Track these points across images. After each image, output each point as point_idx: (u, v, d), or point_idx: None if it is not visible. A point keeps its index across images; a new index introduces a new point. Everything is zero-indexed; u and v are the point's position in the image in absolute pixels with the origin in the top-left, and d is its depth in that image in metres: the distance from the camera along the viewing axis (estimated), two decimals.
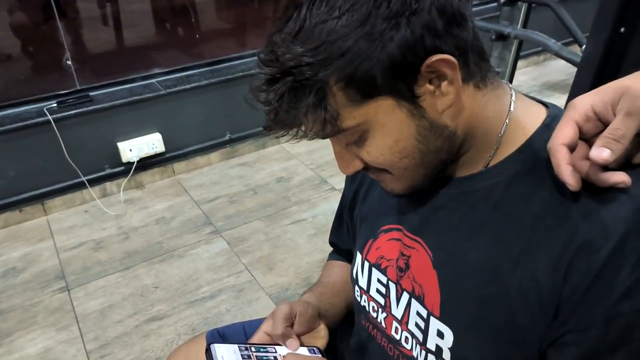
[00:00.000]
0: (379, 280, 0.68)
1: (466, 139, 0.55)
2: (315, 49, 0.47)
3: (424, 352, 0.60)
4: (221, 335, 0.89)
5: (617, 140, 0.46)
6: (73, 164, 2.18)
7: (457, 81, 0.50)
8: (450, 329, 0.56)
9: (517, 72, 3.24)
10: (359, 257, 0.72)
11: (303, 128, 0.51)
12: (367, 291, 0.70)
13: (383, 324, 0.68)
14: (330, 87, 0.48)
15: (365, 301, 0.71)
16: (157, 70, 2.43)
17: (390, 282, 0.66)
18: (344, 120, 0.50)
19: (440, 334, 0.57)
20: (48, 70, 2.27)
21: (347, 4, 0.47)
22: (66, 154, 2.15)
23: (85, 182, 2.24)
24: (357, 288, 0.73)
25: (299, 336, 0.70)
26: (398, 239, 0.65)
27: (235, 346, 0.65)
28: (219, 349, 0.63)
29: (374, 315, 0.70)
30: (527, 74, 3.41)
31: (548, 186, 0.50)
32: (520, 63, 3.32)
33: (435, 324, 0.58)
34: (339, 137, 0.53)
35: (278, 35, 0.49)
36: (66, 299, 1.79)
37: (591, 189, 0.48)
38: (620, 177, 0.46)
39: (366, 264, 0.70)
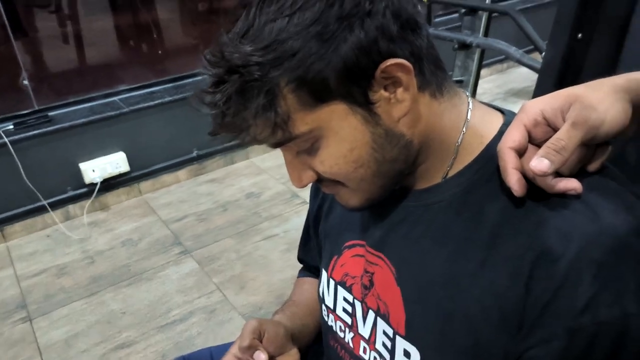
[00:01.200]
0: (344, 299, 0.65)
1: (423, 149, 0.53)
2: (264, 48, 0.45)
3: None
4: None
5: (558, 152, 0.45)
6: (33, 187, 2.09)
7: (412, 88, 0.48)
8: (417, 347, 0.54)
9: (481, 80, 3.29)
10: (324, 275, 0.70)
11: (252, 133, 0.48)
12: (334, 310, 0.68)
13: (351, 344, 0.65)
14: (281, 88, 0.46)
15: (332, 321, 0.69)
16: (119, 88, 2.37)
17: (355, 300, 0.63)
18: (295, 125, 0.48)
19: (407, 354, 0.55)
20: (4, 90, 2.19)
21: (298, 2, 0.45)
22: (25, 177, 2.07)
23: (47, 205, 2.16)
24: (324, 307, 0.71)
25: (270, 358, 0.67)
26: (362, 255, 0.63)
27: None
28: None
29: (342, 335, 0.67)
30: (491, 82, 3.47)
31: (504, 195, 0.49)
32: (484, 71, 3.39)
33: (401, 344, 0.55)
34: (291, 145, 0.51)
35: (226, 35, 0.47)
36: (28, 329, 1.71)
37: (547, 197, 0.47)
38: (570, 184, 0.45)
39: (331, 282, 0.68)
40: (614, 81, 0.47)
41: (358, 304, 0.63)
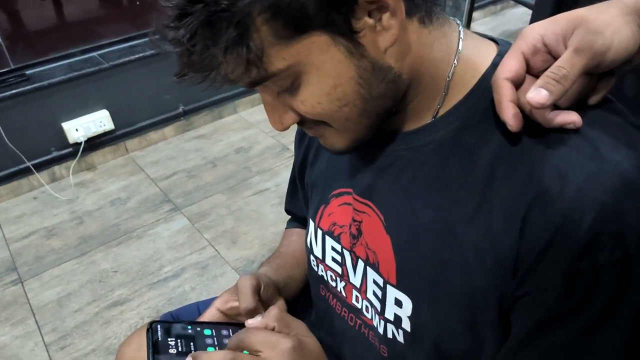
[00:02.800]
0: (333, 249, 0.63)
1: (412, 85, 0.49)
2: None
3: (383, 322, 0.56)
4: (174, 318, 0.84)
5: (558, 81, 0.40)
6: (15, 149, 2.04)
7: (400, 13, 0.43)
8: (408, 296, 0.51)
9: (474, 23, 3.19)
10: (311, 225, 0.67)
11: (222, 72, 0.43)
12: (323, 260, 0.65)
13: (343, 293, 0.63)
14: (253, 19, 0.40)
15: (322, 270, 0.67)
16: (98, 43, 2.27)
17: (344, 249, 0.60)
18: (271, 61, 0.42)
19: (398, 303, 0.52)
20: None
21: None
22: (6, 139, 2.00)
23: (31, 167, 2.11)
24: (312, 257, 0.68)
25: (256, 313, 0.64)
26: (349, 204, 0.59)
27: (182, 324, 0.59)
28: (162, 328, 0.57)
29: (333, 284, 0.65)
30: (485, 25, 3.37)
31: (499, 133, 0.45)
32: (477, 14, 3.28)
33: (392, 293, 0.53)
34: (268, 85, 0.46)
35: None
36: (20, 291, 1.70)
37: (544, 132, 0.43)
38: (569, 117, 0.41)
39: (319, 232, 0.65)
40: (623, 1, 0.41)
41: (347, 254, 0.60)
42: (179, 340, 0.57)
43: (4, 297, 1.68)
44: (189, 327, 0.59)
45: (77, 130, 2.16)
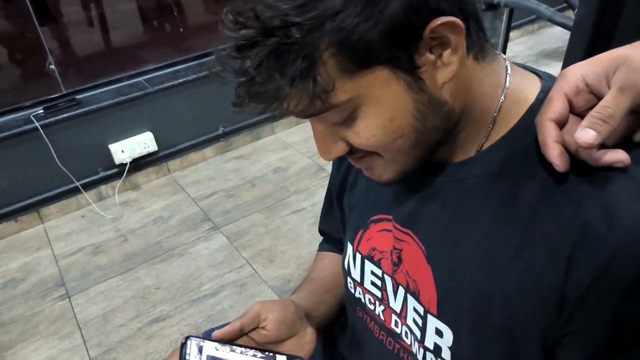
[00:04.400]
0: (372, 273, 0.63)
1: (461, 118, 0.49)
2: (303, 6, 0.39)
3: (422, 350, 0.56)
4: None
5: (605, 121, 0.40)
6: (65, 170, 2.14)
7: (461, 49, 0.43)
8: (449, 327, 0.51)
9: (511, 43, 3.17)
10: (349, 248, 0.67)
11: (285, 103, 0.43)
12: (361, 283, 0.66)
13: (382, 317, 0.63)
14: (321, 52, 0.40)
15: (360, 293, 0.67)
16: (144, 68, 2.38)
17: (385, 275, 0.61)
18: (335, 94, 0.42)
19: (438, 332, 0.53)
20: (32, 76, 2.23)
21: None
22: (57, 160, 2.11)
23: (79, 186, 2.21)
24: (349, 280, 0.69)
25: (281, 341, 0.65)
26: (389, 230, 0.60)
27: (216, 344, 0.61)
28: (194, 344, 0.60)
29: (371, 307, 0.65)
30: (521, 44, 3.35)
31: (543, 169, 0.45)
32: (514, 33, 3.26)
33: (433, 322, 0.53)
34: (325, 116, 0.45)
35: None
36: (67, 306, 1.77)
37: (589, 171, 0.43)
38: (616, 156, 0.41)
39: (358, 256, 0.65)
40: None
41: (388, 279, 0.61)
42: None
43: (53, 312, 1.75)
44: (221, 346, 0.61)
45: (122, 151, 2.26)
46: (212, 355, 0.58)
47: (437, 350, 0.53)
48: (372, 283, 0.64)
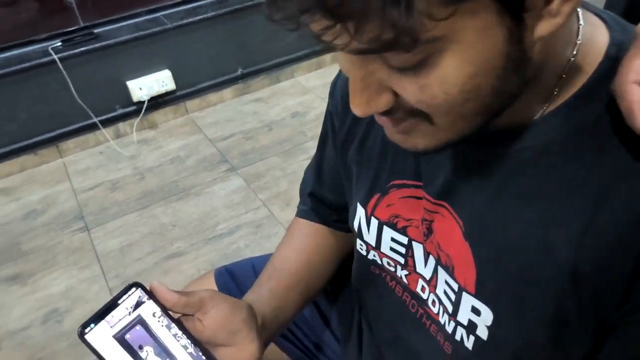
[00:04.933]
0: (394, 240, 0.58)
1: (530, 80, 0.40)
2: None
3: (453, 324, 0.52)
4: (230, 273, 0.84)
5: None
6: (83, 105, 2.13)
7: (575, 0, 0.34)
8: (490, 308, 0.47)
9: None
10: (360, 210, 0.60)
11: (354, 29, 0.31)
12: (377, 248, 0.60)
13: (405, 280, 0.58)
14: None
15: (375, 256, 0.62)
16: (163, 3, 2.31)
17: (414, 242, 0.55)
18: (423, 26, 0.31)
19: (475, 311, 0.48)
20: (50, 8, 2.18)
21: None
22: (75, 95, 2.10)
23: (98, 123, 2.20)
24: (360, 242, 0.62)
25: (215, 344, 0.53)
26: (418, 198, 0.54)
27: (157, 309, 0.50)
28: (136, 294, 0.50)
29: (391, 269, 0.60)
30: None
31: (617, 144, 0.39)
32: None
33: (469, 300, 0.49)
34: (389, 56, 0.35)
35: None
36: (86, 238, 1.80)
37: None
38: None
39: (374, 222, 0.59)
40: None
41: (418, 246, 0.55)
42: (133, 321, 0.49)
43: (72, 243, 1.79)
44: (160, 316, 0.50)
45: (140, 89, 2.23)
46: (143, 317, 0.49)
47: (471, 326, 0.49)
48: (393, 249, 0.58)
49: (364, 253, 0.62)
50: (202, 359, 0.51)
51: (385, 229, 0.58)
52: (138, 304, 0.49)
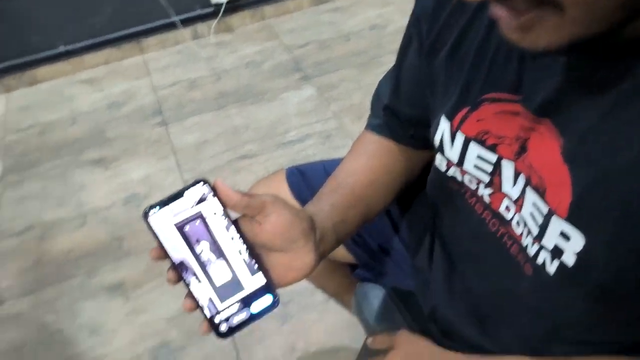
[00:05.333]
0: (480, 157, 0.54)
1: None
2: None
3: (536, 247, 0.49)
4: (301, 173, 0.83)
5: None
6: (164, 3, 2.15)
7: None
8: (582, 234, 0.44)
9: None
10: (444, 124, 0.57)
11: None
12: (459, 164, 0.57)
13: (487, 199, 0.55)
14: None
15: (455, 173, 0.59)
16: None
17: (503, 160, 0.52)
18: None
19: (564, 236, 0.46)
20: None
21: None
22: None
23: (177, 21, 2.22)
24: (441, 157, 0.59)
25: (269, 250, 0.52)
26: (514, 114, 0.50)
27: (219, 207, 0.50)
28: (205, 187, 0.50)
29: (472, 187, 0.57)
30: None
31: None
32: None
33: (559, 224, 0.46)
34: None
35: None
36: (164, 132, 1.88)
37: None
38: None
39: (459, 137, 0.55)
40: None
41: (508, 164, 0.52)
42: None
43: (151, 136, 1.88)
44: (221, 215, 0.50)
45: None
46: (204, 214, 0.49)
47: (557, 252, 0.47)
48: (478, 167, 0.55)
49: (443, 169, 0.60)
50: (253, 265, 0.51)
51: (472, 145, 0.55)
52: (202, 200, 0.49)
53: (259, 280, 0.51)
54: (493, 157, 0.53)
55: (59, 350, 1.29)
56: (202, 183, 0.49)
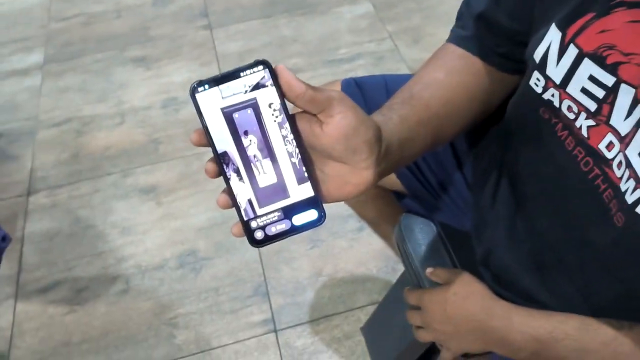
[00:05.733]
0: (592, 78, 0.45)
1: None
2: None
3: (638, 193, 0.42)
4: (359, 86, 0.76)
5: None
6: None
7: None
8: None
9: None
10: (555, 34, 0.48)
11: None
12: (562, 86, 0.48)
13: (584, 132, 0.47)
14: None
15: (553, 96, 0.49)
16: None
17: (623, 84, 0.43)
18: None
19: None
20: None
21: None
22: None
23: None
24: (538, 75, 0.50)
25: (324, 157, 0.44)
26: None
27: (277, 97, 0.42)
28: (268, 72, 0.41)
29: (570, 115, 0.48)
30: None
31: None
32: None
33: None
34: None
35: None
36: (208, 36, 1.79)
37: None
38: None
39: (571, 50, 0.46)
40: None
41: (627, 91, 0.43)
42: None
43: (195, 39, 1.79)
44: (279, 106, 0.42)
45: None
46: (258, 103, 0.41)
47: None
48: (585, 91, 0.46)
49: (539, 90, 0.51)
50: (303, 173, 0.43)
51: (586, 62, 0.46)
52: (258, 86, 0.41)
53: (307, 190, 0.44)
54: (610, 80, 0.44)
55: (89, 244, 1.30)
56: (262, 66, 0.41)
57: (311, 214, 0.44)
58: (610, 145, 0.45)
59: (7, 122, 1.61)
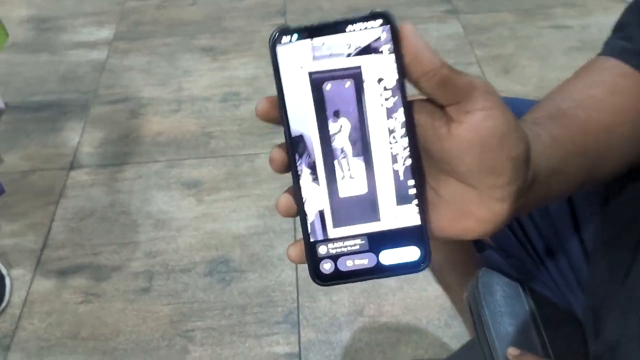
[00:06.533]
0: None
1: None
2: None
3: None
4: None
5: None
6: None
7: None
8: None
9: None
10: None
11: None
12: None
13: None
14: None
15: None
16: None
17: None
18: None
19: None
20: None
21: None
22: None
23: None
24: None
25: (445, 170, 0.29)
26: None
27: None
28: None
29: None
30: None
31: None
32: None
33: None
34: None
35: None
36: None
37: None
38: None
39: None
40: None
41: None
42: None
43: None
44: (387, 89, 0.28)
45: None
46: (364, 75, 0.28)
47: None
48: None
49: None
50: (409, 188, 0.29)
51: None
52: (369, 49, 0.27)
53: (409, 215, 0.29)
54: None
55: (119, 232, 1.21)
56: (381, 20, 0.27)
57: (409, 253, 0.29)
58: None
59: (64, 92, 1.56)
